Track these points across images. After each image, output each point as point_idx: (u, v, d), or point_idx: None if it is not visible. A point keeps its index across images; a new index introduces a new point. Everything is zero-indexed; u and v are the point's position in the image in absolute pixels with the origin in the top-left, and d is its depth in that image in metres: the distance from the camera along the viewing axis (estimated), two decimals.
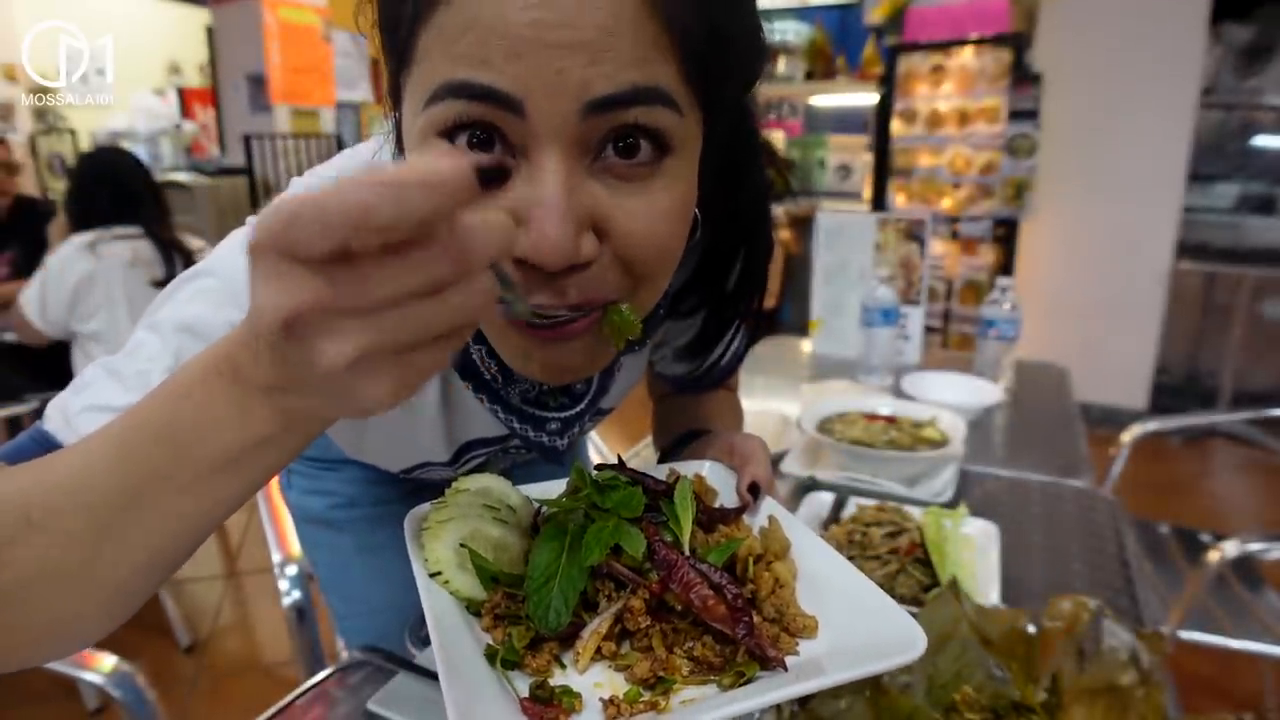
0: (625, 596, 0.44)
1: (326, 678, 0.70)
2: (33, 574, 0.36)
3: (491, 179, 0.27)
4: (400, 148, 0.47)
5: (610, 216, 0.41)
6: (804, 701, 0.56)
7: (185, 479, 0.34)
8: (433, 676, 0.64)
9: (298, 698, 0.67)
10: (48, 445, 0.45)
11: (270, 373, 0.30)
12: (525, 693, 0.41)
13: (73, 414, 0.45)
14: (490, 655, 0.42)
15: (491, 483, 0.51)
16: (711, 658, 0.42)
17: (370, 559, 0.94)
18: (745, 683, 0.41)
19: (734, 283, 0.62)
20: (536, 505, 0.52)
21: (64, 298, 1.92)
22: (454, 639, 0.42)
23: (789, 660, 0.42)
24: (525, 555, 0.47)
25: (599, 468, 0.51)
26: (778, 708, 0.56)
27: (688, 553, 0.45)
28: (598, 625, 0.43)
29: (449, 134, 0.39)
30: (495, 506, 0.49)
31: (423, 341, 0.28)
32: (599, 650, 0.43)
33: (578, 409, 0.60)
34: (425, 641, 0.71)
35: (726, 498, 0.57)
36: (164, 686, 1.92)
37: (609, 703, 0.40)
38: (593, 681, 0.42)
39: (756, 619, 0.43)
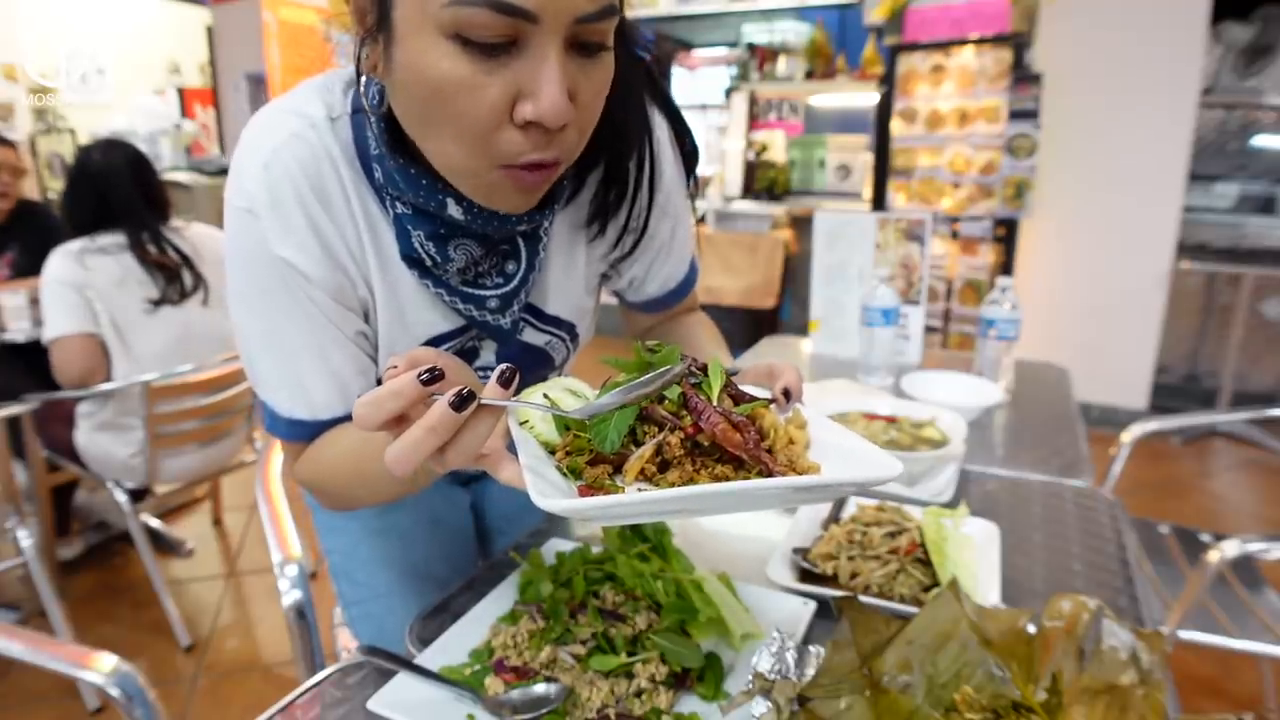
0: (664, 434, 0.54)
1: (326, 678, 0.70)
2: (370, 499, 0.71)
3: (430, 379, 0.47)
4: (375, 27, 0.56)
5: (579, 87, 0.55)
6: (804, 701, 0.56)
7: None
8: (433, 677, 0.64)
9: (298, 698, 0.67)
10: (302, 423, 0.69)
11: None
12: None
13: (293, 403, 0.68)
14: (560, 469, 0.54)
15: (569, 380, 0.62)
16: (730, 476, 0.52)
17: (376, 542, 0.98)
18: None
19: (624, 126, 0.73)
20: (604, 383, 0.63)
21: (78, 299, 1.91)
22: (535, 454, 0.53)
23: None
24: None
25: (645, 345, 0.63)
26: (778, 707, 0.56)
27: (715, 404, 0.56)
28: (643, 451, 0.53)
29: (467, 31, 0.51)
30: (572, 389, 0.61)
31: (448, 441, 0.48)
32: (642, 472, 0.53)
33: (511, 286, 0.72)
34: (425, 642, 0.71)
35: None
36: (164, 686, 1.92)
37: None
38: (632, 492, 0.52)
39: (770, 461, 0.53)
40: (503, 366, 0.49)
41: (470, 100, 0.53)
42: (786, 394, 0.64)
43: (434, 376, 0.47)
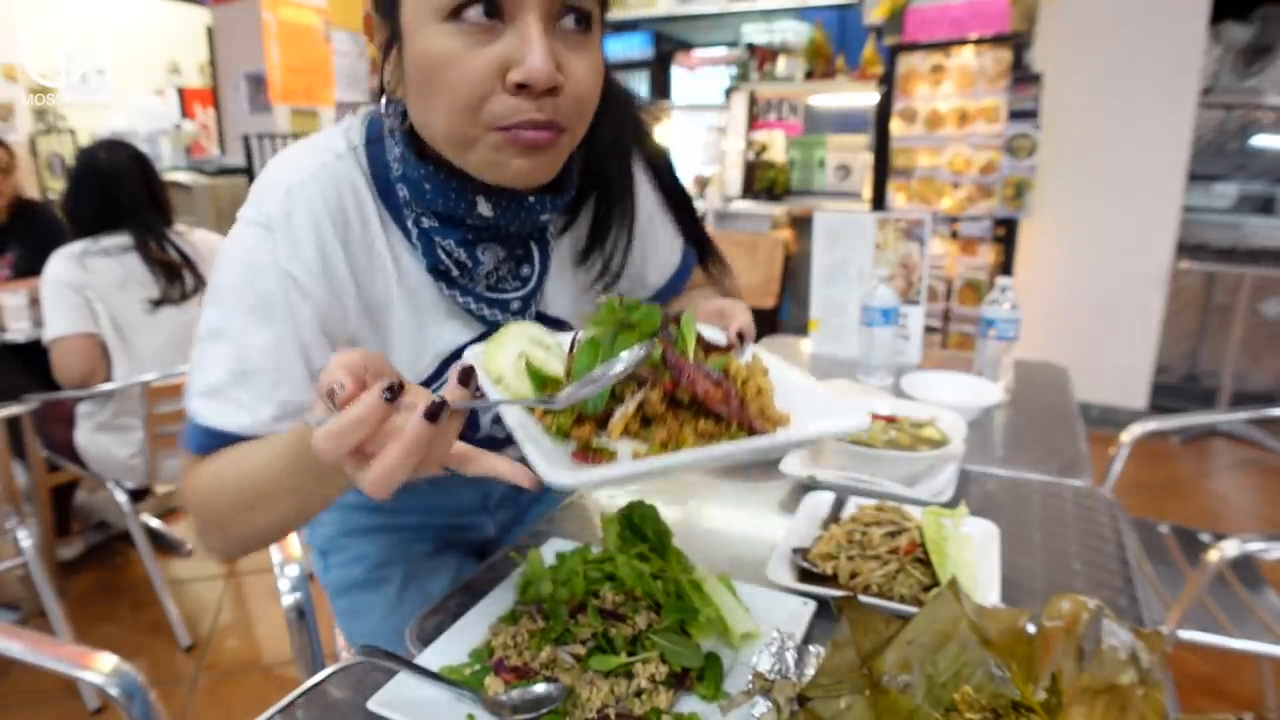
0: (645, 391, 0.57)
1: (326, 678, 0.70)
2: (272, 525, 0.64)
3: (395, 395, 0.45)
4: (390, 41, 0.64)
5: (566, 62, 0.61)
6: (804, 701, 0.56)
7: (324, 478, 0.56)
8: (433, 676, 0.64)
9: (298, 698, 0.67)
10: (219, 434, 0.66)
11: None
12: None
13: (224, 409, 0.66)
14: (547, 429, 0.56)
15: (533, 328, 0.66)
16: (712, 430, 0.56)
17: (395, 614, 0.98)
18: None
19: (613, 172, 0.80)
20: (571, 339, 0.64)
21: (78, 300, 1.91)
22: (523, 419, 0.55)
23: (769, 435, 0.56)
24: (565, 373, 0.62)
25: (623, 301, 0.64)
26: (778, 706, 0.56)
27: (692, 361, 0.59)
28: (625, 408, 0.56)
29: (460, 9, 0.59)
30: (539, 340, 0.64)
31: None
32: (626, 429, 0.56)
33: (529, 288, 0.78)
34: (425, 642, 0.71)
35: None
36: (164, 686, 1.92)
37: (635, 453, 0.54)
38: (622, 450, 0.55)
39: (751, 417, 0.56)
40: (461, 365, 0.49)
41: (463, 71, 0.59)
42: (741, 336, 0.69)
43: (396, 393, 0.46)
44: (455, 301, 0.74)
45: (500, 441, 0.91)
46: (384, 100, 0.68)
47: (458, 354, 0.77)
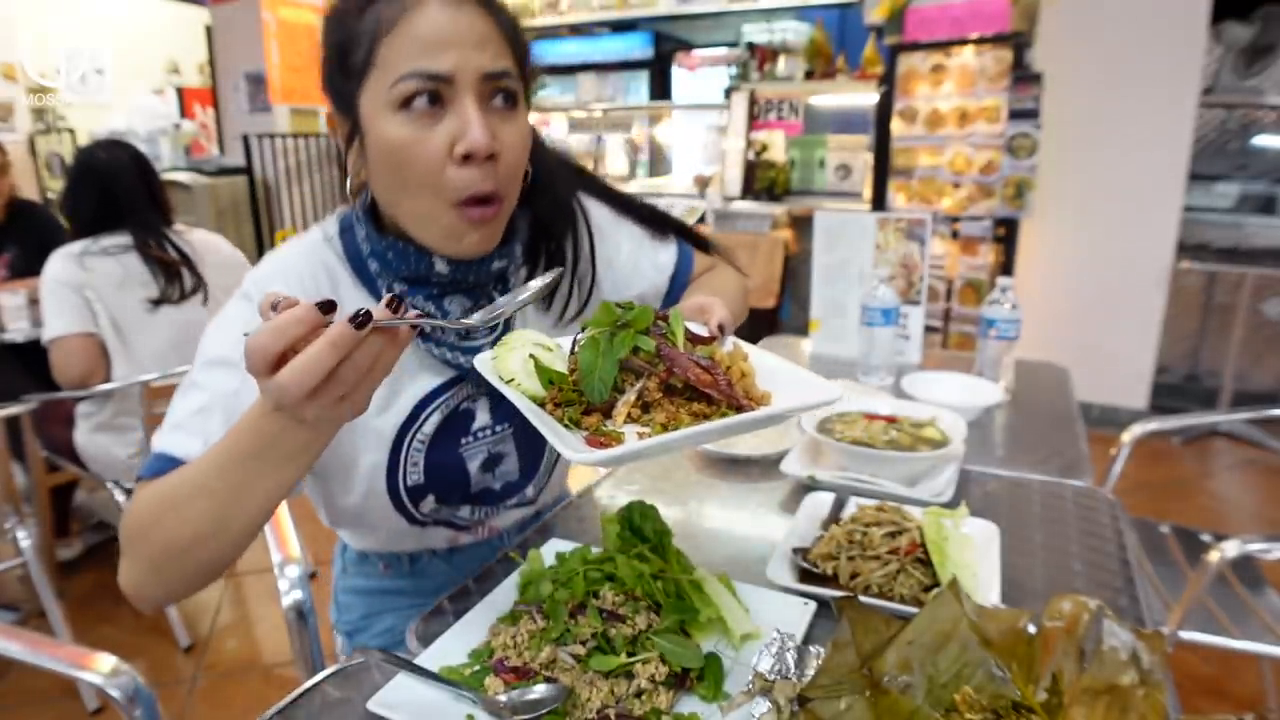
0: (644, 381, 0.64)
1: (326, 678, 0.69)
2: (186, 535, 0.62)
3: (328, 310, 0.50)
4: (351, 134, 0.75)
5: (500, 133, 0.72)
6: (804, 701, 0.56)
7: (266, 470, 0.58)
8: (433, 677, 0.64)
9: (298, 698, 0.67)
10: (170, 459, 0.69)
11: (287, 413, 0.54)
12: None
13: (179, 438, 0.70)
14: (560, 420, 0.63)
15: (535, 335, 0.71)
16: (705, 411, 0.63)
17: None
18: None
19: (556, 218, 0.91)
20: (572, 340, 0.69)
21: (77, 300, 1.91)
22: (538, 413, 0.62)
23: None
24: (570, 370, 0.67)
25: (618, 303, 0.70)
26: (778, 707, 0.56)
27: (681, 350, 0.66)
28: (628, 397, 0.63)
29: (408, 100, 0.69)
30: (542, 344, 0.69)
31: (341, 391, 0.52)
32: (629, 415, 0.63)
33: (499, 334, 0.85)
34: (425, 642, 0.71)
35: None
36: (164, 686, 1.92)
37: (639, 435, 0.61)
38: (627, 433, 0.62)
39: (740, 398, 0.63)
40: (391, 295, 0.54)
41: (419, 151, 0.70)
42: (721, 328, 0.75)
43: (330, 309, 0.50)
44: (431, 354, 0.82)
45: (496, 494, 0.93)
46: (349, 185, 0.79)
47: (431, 397, 0.84)
